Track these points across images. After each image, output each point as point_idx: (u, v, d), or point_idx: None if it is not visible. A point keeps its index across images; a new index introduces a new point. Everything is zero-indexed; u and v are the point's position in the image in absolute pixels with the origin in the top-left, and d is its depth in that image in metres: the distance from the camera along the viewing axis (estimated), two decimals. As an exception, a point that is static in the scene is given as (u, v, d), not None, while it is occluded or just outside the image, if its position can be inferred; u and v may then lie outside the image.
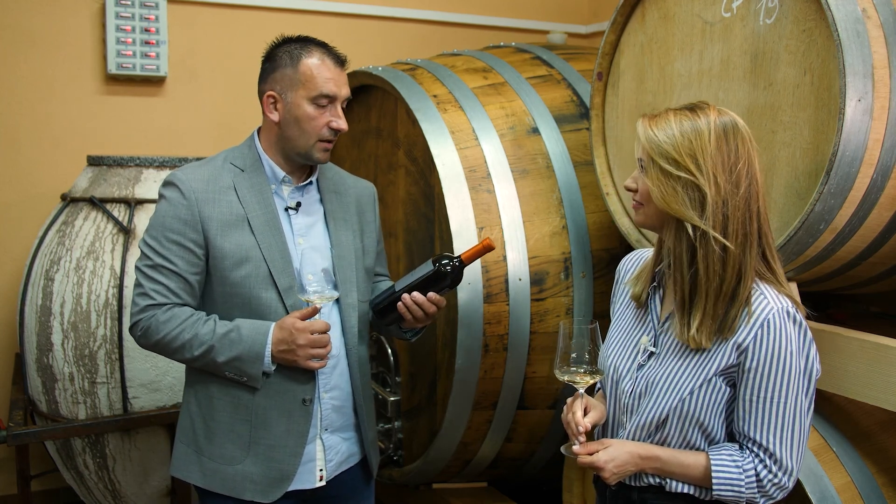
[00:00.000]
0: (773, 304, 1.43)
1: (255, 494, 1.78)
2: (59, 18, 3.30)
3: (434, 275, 1.80)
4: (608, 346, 1.63)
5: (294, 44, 1.81)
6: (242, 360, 1.73)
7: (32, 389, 2.80)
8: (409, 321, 1.83)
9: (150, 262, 1.76)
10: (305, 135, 1.79)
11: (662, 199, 1.43)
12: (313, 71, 1.76)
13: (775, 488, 1.45)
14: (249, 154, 1.85)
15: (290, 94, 1.78)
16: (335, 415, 1.86)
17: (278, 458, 1.79)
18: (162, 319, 1.74)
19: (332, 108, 1.79)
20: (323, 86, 1.76)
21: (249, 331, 1.74)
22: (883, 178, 1.74)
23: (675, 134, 1.42)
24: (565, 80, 2.73)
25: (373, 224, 2.01)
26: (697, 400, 1.47)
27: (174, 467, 1.86)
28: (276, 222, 1.80)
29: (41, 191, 3.30)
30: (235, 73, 3.57)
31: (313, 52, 1.79)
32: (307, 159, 1.83)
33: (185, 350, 1.74)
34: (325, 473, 1.85)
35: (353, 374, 1.89)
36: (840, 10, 1.67)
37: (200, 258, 1.77)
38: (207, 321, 1.75)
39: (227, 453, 1.79)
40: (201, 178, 1.79)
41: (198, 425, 1.82)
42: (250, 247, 1.77)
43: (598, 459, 1.49)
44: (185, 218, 1.75)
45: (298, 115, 1.77)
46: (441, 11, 3.94)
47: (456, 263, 1.81)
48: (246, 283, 1.77)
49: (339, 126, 1.79)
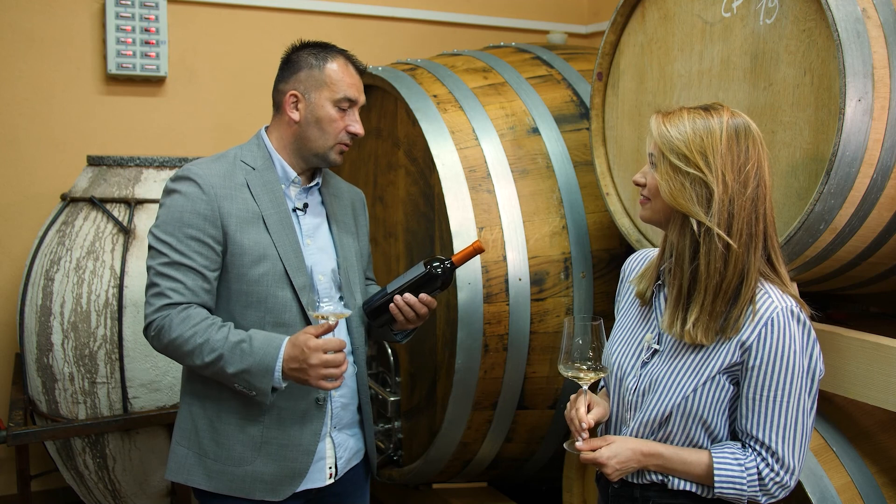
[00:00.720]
0: (777, 304, 1.44)
1: (265, 493, 1.77)
2: (58, 18, 3.30)
3: (425, 276, 1.82)
4: (612, 344, 1.64)
5: (318, 48, 1.85)
6: (251, 373, 1.66)
7: (32, 389, 2.80)
8: (400, 322, 1.85)
9: (167, 260, 1.71)
10: (325, 136, 1.81)
11: (670, 193, 1.45)
12: (339, 74, 1.81)
13: (777, 487, 1.46)
14: (259, 153, 1.85)
15: (313, 94, 1.80)
16: (343, 412, 1.88)
17: (291, 456, 1.78)
18: (177, 320, 1.68)
19: (351, 112, 1.83)
20: (347, 89, 1.81)
21: (261, 343, 1.67)
22: (883, 178, 1.74)
23: (687, 131, 1.44)
24: (565, 80, 2.73)
25: (365, 228, 2.05)
26: (701, 397, 1.47)
27: (172, 471, 1.82)
28: (289, 221, 1.81)
29: (41, 191, 3.30)
30: (235, 73, 3.57)
31: (338, 56, 1.84)
32: (323, 160, 1.84)
33: (195, 355, 1.68)
34: (335, 471, 1.87)
35: (360, 372, 1.91)
36: (840, 10, 1.67)
37: (219, 255, 1.74)
38: (222, 328, 1.70)
39: (236, 455, 1.78)
40: (218, 173, 1.77)
41: (201, 427, 1.79)
42: (266, 245, 1.76)
43: (600, 456, 1.50)
44: (204, 213, 1.72)
45: (321, 116, 1.80)
46: (441, 11, 3.94)
47: (447, 265, 1.82)
48: (263, 280, 1.76)
49: (356, 131, 1.83)
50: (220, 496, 1.79)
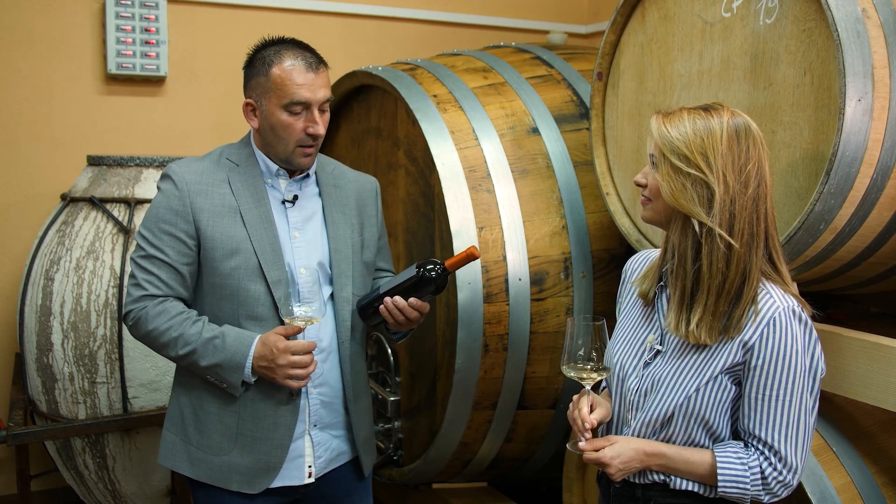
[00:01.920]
0: (779, 303, 1.44)
1: (240, 485, 1.80)
2: (58, 18, 3.30)
3: (417, 280, 1.79)
4: (614, 344, 1.64)
5: (269, 49, 1.79)
6: (223, 367, 1.75)
7: (32, 389, 2.80)
8: (391, 324, 1.84)
9: (144, 253, 1.79)
10: (283, 142, 1.79)
11: (671, 194, 1.45)
12: (284, 78, 1.74)
13: (780, 486, 1.46)
14: (244, 150, 1.87)
15: (264, 101, 1.78)
16: (324, 411, 1.87)
17: (264, 449, 1.80)
18: (153, 313, 1.76)
19: (307, 113, 1.77)
20: (294, 93, 1.74)
21: (234, 340, 1.75)
22: (883, 178, 1.74)
23: (687, 132, 1.44)
24: (565, 80, 2.73)
25: (374, 218, 2.01)
26: (703, 397, 1.47)
27: (162, 456, 1.88)
28: (268, 216, 1.82)
29: (41, 191, 3.30)
30: (235, 73, 3.54)
31: (285, 57, 1.76)
32: (289, 164, 1.84)
33: (169, 348, 1.77)
34: (314, 470, 1.86)
35: (345, 369, 1.88)
36: (840, 10, 1.67)
37: (192, 249, 1.79)
38: (196, 322, 1.77)
39: (215, 443, 1.81)
40: (195, 170, 1.82)
41: (187, 415, 1.84)
42: (241, 239, 1.78)
43: (603, 456, 1.50)
44: (176, 208, 1.78)
45: (273, 123, 1.78)
46: (441, 11, 3.93)
47: (439, 270, 1.79)
48: (235, 274, 1.78)
49: (315, 132, 1.78)
50: (203, 485, 1.83)
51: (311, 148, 1.81)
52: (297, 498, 1.87)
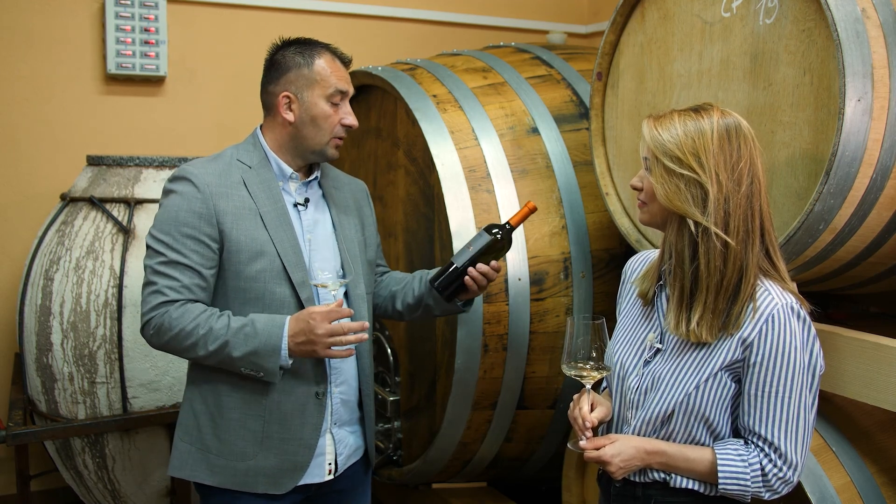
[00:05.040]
0: (777, 300, 1.45)
1: (268, 487, 1.80)
2: (58, 18, 3.30)
3: (493, 243, 1.90)
4: (614, 343, 1.65)
5: (301, 45, 1.85)
6: (259, 354, 1.70)
7: (32, 389, 2.80)
8: (473, 291, 1.91)
9: (164, 259, 1.73)
10: (322, 132, 1.83)
11: (666, 196, 1.46)
12: (328, 69, 1.82)
13: (780, 483, 1.47)
14: (255, 152, 1.86)
15: (306, 93, 1.81)
16: (343, 409, 1.89)
17: (292, 450, 1.80)
18: (175, 315, 1.71)
19: (343, 105, 1.85)
20: (338, 83, 1.83)
21: (265, 324, 1.71)
22: (882, 178, 1.74)
23: (678, 133, 1.46)
24: (565, 80, 2.73)
25: (371, 218, 2.06)
26: (703, 395, 1.48)
27: (175, 467, 1.84)
28: (286, 218, 1.82)
29: (41, 191, 3.30)
30: (235, 73, 3.57)
31: (324, 52, 1.85)
32: (321, 156, 1.86)
33: (198, 347, 1.71)
34: (335, 467, 1.88)
35: (362, 367, 1.92)
36: (840, 10, 1.67)
37: (215, 252, 1.76)
38: (221, 316, 1.73)
39: (238, 449, 1.79)
40: (213, 171, 1.80)
41: (204, 423, 1.81)
42: (264, 241, 1.77)
43: (604, 454, 1.51)
44: (199, 211, 1.74)
45: (315, 114, 1.81)
46: (441, 11, 3.94)
47: (508, 228, 1.91)
48: (261, 277, 1.77)
49: (350, 122, 1.85)
50: (222, 490, 1.81)
51: (342, 140, 1.88)
52: (310, 495, 1.89)
